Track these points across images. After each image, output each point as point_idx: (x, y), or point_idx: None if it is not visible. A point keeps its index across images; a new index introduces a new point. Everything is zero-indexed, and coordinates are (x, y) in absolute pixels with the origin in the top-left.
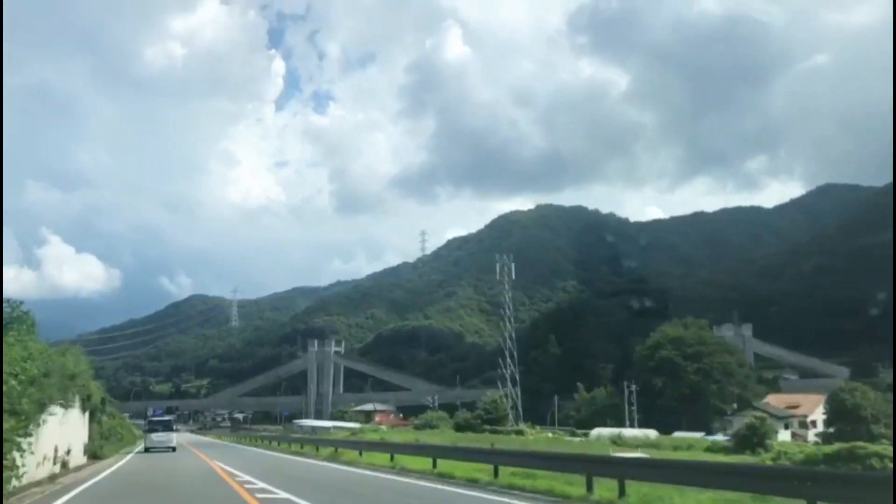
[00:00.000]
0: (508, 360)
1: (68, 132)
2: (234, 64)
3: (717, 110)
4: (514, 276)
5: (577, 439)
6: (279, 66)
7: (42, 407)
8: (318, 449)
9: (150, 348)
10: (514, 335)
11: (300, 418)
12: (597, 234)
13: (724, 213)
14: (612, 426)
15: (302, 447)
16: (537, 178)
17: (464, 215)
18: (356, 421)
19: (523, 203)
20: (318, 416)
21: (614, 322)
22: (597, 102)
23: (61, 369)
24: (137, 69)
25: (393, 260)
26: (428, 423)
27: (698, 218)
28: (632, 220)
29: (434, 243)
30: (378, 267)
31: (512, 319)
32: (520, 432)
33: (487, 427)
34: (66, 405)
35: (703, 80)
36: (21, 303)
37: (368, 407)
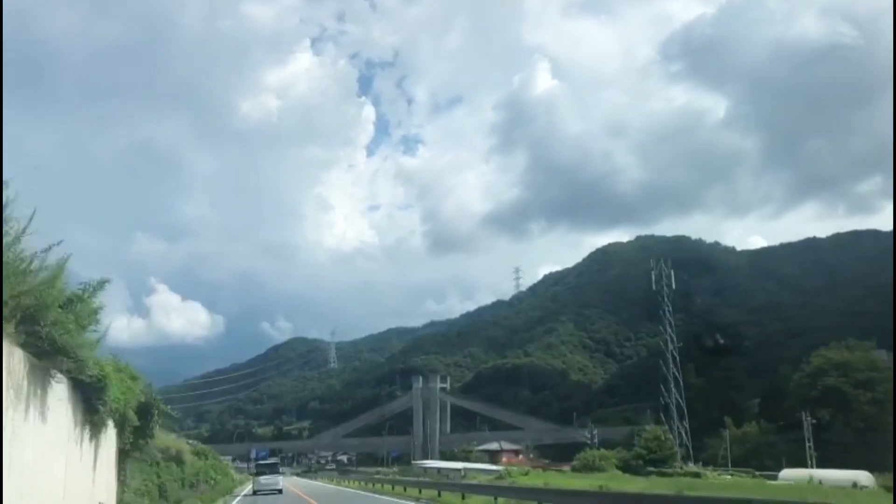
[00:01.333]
0: (672, 385)
1: (172, 185)
2: (325, 112)
3: (823, 132)
4: (615, 312)
5: (784, 483)
6: (369, 112)
7: None
8: (463, 497)
9: (252, 391)
10: (677, 356)
11: (407, 459)
12: (702, 264)
13: (839, 237)
14: (772, 466)
15: (440, 495)
16: (634, 209)
17: (557, 250)
18: (480, 461)
19: (620, 236)
20: (426, 457)
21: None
22: (694, 130)
23: None
24: (234, 122)
25: (485, 299)
26: (588, 465)
27: (810, 244)
28: (738, 248)
29: (528, 280)
30: (471, 306)
31: (675, 338)
32: (696, 475)
33: (652, 469)
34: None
35: (806, 102)
36: None
37: (493, 446)
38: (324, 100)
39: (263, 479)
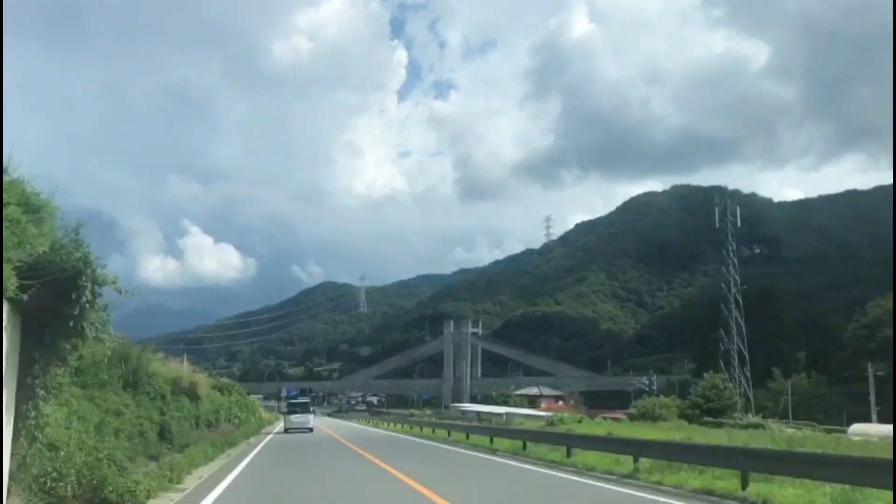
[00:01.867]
0: (734, 330)
1: (204, 128)
2: (357, 56)
3: (869, 82)
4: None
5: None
6: (401, 56)
7: None
8: (524, 446)
9: (284, 333)
10: (741, 299)
11: (437, 402)
12: (737, 215)
13: (881, 191)
14: (824, 420)
15: (492, 441)
16: (669, 159)
17: (589, 200)
18: (520, 406)
19: (654, 185)
20: (456, 401)
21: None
22: (735, 78)
23: None
24: (266, 65)
25: (515, 247)
26: (647, 413)
27: (851, 197)
28: (775, 200)
29: (559, 230)
30: (500, 255)
31: (738, 280)
32: (758, 426)
33: (709, 419)
34: None
35: (853, 49)
36: None
37: (532, 391)
38: (355, 42)
39: (295, 417)
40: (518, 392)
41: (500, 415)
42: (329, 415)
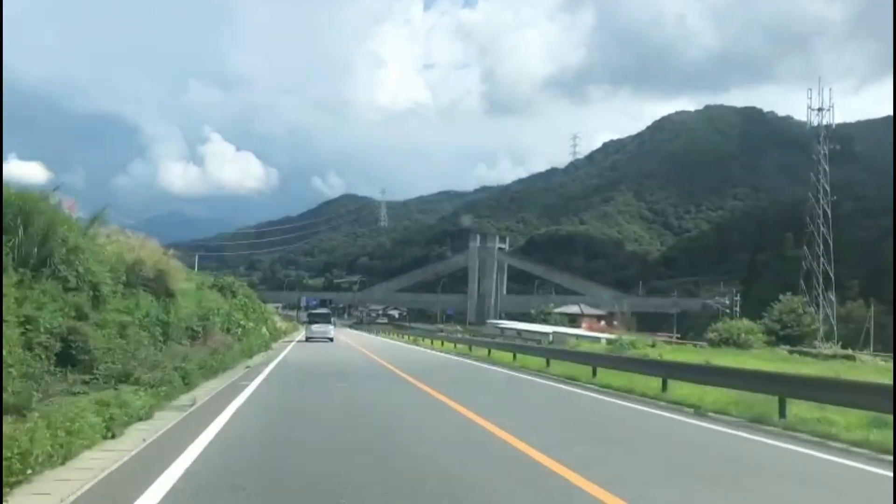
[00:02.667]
0: (821, 248)
1: (225, 33)
2: None
3: None
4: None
5: None
6: None
7: None
8: (594, 372)
9: (304, 244)
10: (829, 212)
11: (461, 318)
12: (772, 138)
13: None
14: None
15: (548, 364)
16: (701, 78)
17: (616, 119)
18: (560, 324)
19: (685, 105)
20: (481, 318)
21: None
22: None
23: None
24: None
25: (538, 166)
26: (731, 339)
27: (892, 123)
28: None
29: (584, 149)
30: (522, 173)
31: (829, 190)
32: (848, 358)
33: (788, 347)
34: None
35: None
36: None
37: (572, 309)
38: None
39: (316, 327)
40: (558, 310)
41: (545, 334)
42: (349, 326)
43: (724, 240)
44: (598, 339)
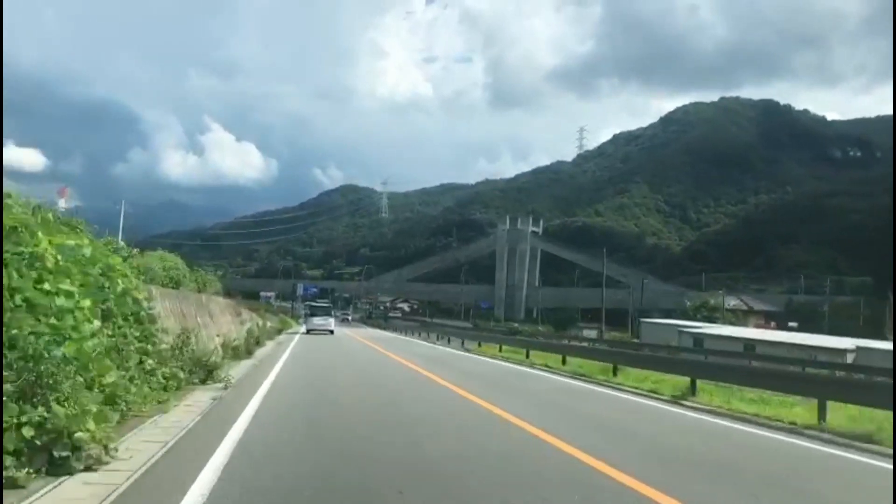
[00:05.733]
0: None
1: (224, 20)
2: None
3: None
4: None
5: None
6: None
7: None
8: None
9: (302, 234)
10: None
11: (487, 313)
12: (790, 132)
13: None
14: None
15: None
16: (711, 73)
17: (619, 115)
18: (726, 322)
19: (694, 100)
20: (510, 311)
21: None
22: None
23: None
24: None
25: (540, 160)
26: None
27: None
28: (829, 118)
29: (590, 143)
30: (524, 167)
31: None
32: None
33: None
34: None
35: None
36: None
37: (732, 302)
38: None
39: (317, 319)
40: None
41: (840, 351)
42: (363, 321)
43: (755, 234)
44: None
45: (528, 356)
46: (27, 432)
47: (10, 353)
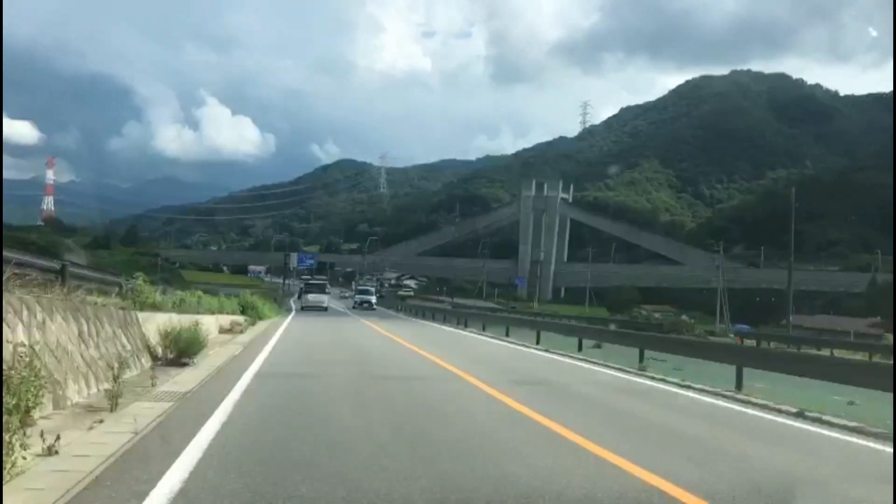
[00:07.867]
0: None
1: None
2: None
3: None
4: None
5: None
6: None
7: None
8: None
9: (299, 209)
10: None
11: (507, 291)
12: (803, 106)
13: None
14: None
15: None
16: (721, 47)
17: (619, 93)
18: None
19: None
20: (532, 290)
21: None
22: None
23: None
24: None
25: (541, 137)
26: None
27: None
28: (842, 93)
29: (593, 118)
30: (525, 144)
31: None
32: None
33: None
34: None
35: None
36: None
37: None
38: None
39: (311, 296)
40: None
41: None
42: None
43: (777, 210)
44: None
45: (739, 386)
46: None
47: None
